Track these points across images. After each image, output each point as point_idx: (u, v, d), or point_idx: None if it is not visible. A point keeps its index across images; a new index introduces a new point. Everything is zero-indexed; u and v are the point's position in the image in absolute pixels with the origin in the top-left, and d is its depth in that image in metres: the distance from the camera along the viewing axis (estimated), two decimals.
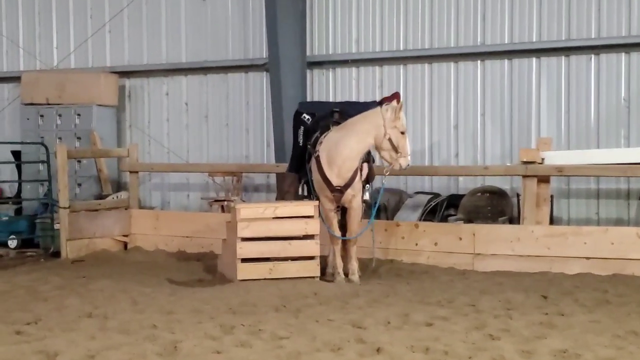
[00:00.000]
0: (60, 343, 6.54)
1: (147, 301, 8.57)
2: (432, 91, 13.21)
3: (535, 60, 12.55)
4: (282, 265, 9.74)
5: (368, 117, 9.67)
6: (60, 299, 8.70)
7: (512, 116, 12.72)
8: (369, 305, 8.23)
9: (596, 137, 12.19)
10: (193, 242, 12.60)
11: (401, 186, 13.22)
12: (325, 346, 6.44)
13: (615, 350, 6.24)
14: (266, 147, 14.33)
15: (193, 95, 15.04)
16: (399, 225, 11.37)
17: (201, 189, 14.76)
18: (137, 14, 15.34)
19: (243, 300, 8.52)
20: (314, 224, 9.80)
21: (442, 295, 8.71)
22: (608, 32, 12.07)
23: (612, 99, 12.11)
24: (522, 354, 6.16)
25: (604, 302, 8.30)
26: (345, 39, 13.76)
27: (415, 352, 6.24)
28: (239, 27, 14.54)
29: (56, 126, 14.88)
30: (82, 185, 14.75)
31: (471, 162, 12.89)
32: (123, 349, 6.38)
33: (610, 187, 12.11)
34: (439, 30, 13.10)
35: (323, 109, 10.47)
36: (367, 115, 9.72)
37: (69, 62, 15.96)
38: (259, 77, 14.42)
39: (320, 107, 10.72)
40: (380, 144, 9.55)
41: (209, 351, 6.33)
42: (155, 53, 15.29)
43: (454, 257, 10.83)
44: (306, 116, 10.37)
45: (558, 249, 10.37)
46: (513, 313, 7.68)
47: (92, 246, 12.58)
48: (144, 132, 15.33)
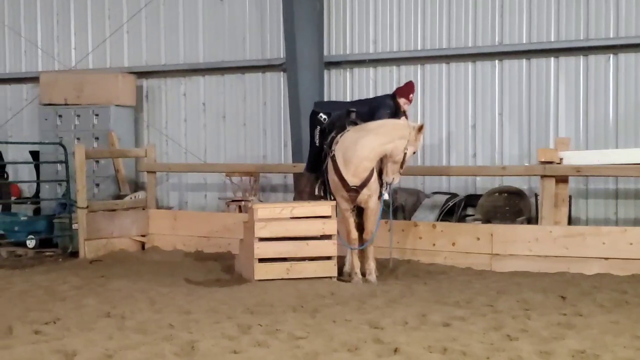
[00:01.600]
0: (78, 342, 6.57)
1: (165, 301, 8.60)
2: (449, 91, 13.19)
3: (554, 60, 12.51)
4: (299, 265, 9.75)
5: (397, 126, 9.71)
6: (79, 299, 8.74)
7: (530, 116, 12.67)
8: (387, 305, 8.22)
9: (615, 137, 12.14)
10: (210, 242, 12.63)
11: (418, 186, 13.21)
12: (343, 346, 6.44)
13: (635, 351, 6.21)
14: (283, 147, 14.34)
15: (210, 95, 15.07)
16: (416, 226, 11.36)
17: (218, 189, 14.79)
18: (155, 15, 15.39)
19: (260, 300, 8.53)
20: (331, 224, 9.80)
21: (459, 295, 8.70)
22: (627, 31, 12.01)
23: (631, 99, 12.05)
24: (540, 355, 6.13)
25: (622, 302, 8.25)
26: (362, 39, 13.75)
27: (432, 353, 6.23)
28: (257, 27, 14.56)
29: (74, 126, 14.94)
30: (100, 185, 14.81)
31: (489, 162, 12.86)
32: (140, 348, 6.40)
33: (629, 187, 12.05)
34: (456, 29, 13.08)
35: (339, 109, 10.47)
36: (396, 124, 9.78)
37: (87, 63, 16.03)
38: (276, 77, 14.43)
39: (336, 107, 10.72)
40: (395, 155, 9.61)
41: (226, 351, 6.34)
42: (173, 53, 15.33)
43: (472, 257, 10.81)
44: (323, 115, 10.36)
45: (576, 249, 10.33)
46: (531, 313, 7.66)
47: (110, 246, 12.63)
48: (162, 133, 15.38)
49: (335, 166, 9.73)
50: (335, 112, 10.35)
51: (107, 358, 6.17)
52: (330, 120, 10.26)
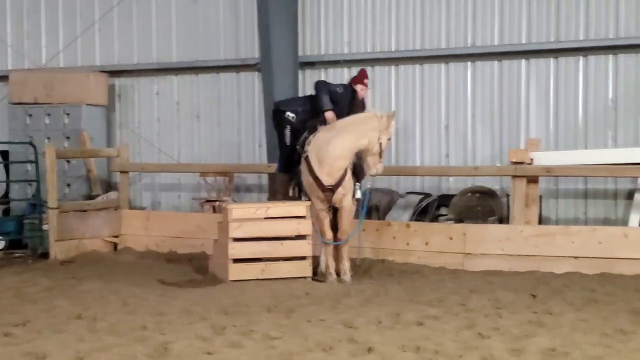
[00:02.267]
0: (49, 345, 6.54)
1: (138, 302, 8.57)
2: (423, 92, 13.26)
3: (525, 61, 12.63)
4: (274, 265, 9.76)
5: (366, 120, 9.78)
6: (49, 301, 8.68)
7: (501, 117, 12.78)
8: (361, 305, 8.27)
9: (584, 138, 12.27)
10: (184, 242, 12.57)
11: (392, 186, 13.26)
12: (317, 346, 6.48)
13: (603, 349, 6.30)
14: (258, 147, 14.33)
15: (184, 94, 15.02)
16: (390, 225, 11.42)
17: (192, 189, 14.74)
18: (127, 13, 15.29)
19: (234, 300, 8.54)
20: (306, 224, 9.83)
21: (432, 294, 8.77)
22: (596, 34, 12.15)
23: (600, 100, 12.19)
24: (511, 353, 6.21)
25: (592, 301, 8.36)
26: (337, 39, 13.79)
27: (406, 352, 6.29)
28: (231, 27, 14.54)
29: (45, 126, 14.79)
30: (71, 185, 14.68)
31: (462, 163, 12.95)
32: (113, 350, 6.38)
33: (598, 188, 12.19)
34: (429, 31, 13.15)
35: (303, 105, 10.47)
36: (364, 118, 9.83)
37: (58, 61, 15.87)
38: (251, 77, 14.42)
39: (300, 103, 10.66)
40: (371, 148, 9.68)
41: (200, 352, 6.35)
42: (146, 52, 15.25)
43: (445, 256, 10.89)
44: (290, 114, 10.35)
45: (547, 248, 10.44)
46: (503, 312, 7.74)
47: (82, 247, 12.53)
48: (134, 132, 15.31)
49: (309, 167, 9.76)
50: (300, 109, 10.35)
51: None
52: (300, 120, 10.28)
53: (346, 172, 9.78)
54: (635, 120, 12.01)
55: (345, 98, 10.29)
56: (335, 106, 10.14)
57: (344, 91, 10.32)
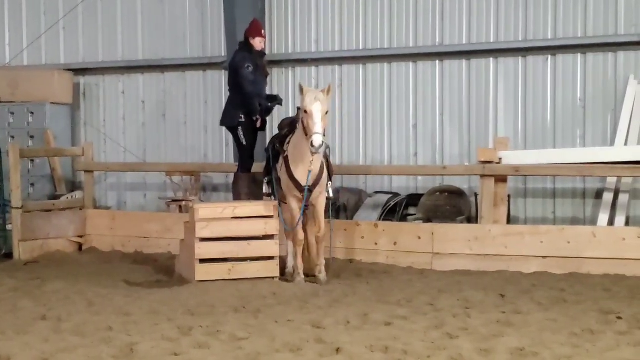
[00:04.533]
0: (13, 346, 6.47)
1: (103, 303, 8.51)
2: (391, 90, 13.28)
3: (493, 60, 12.68)
4: (241, 265, 9.73)
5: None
6: (13, 301, 8.60)
7: (470, 116, 12.83)
8: (329, 305, 8.26)
9: (552, 137, 12.35)
10: (150, 242, 12.53)
11: (360, 186, 13.28)
12: (285, 347, 6.46)
13: (572, 348, 6.33)
14: (225, 146, 14.28)
15: (150, 93, 14.95)
16: (358, 225, 11.41)
17: (158, 189, 14.66)
18: (92, 10, 15.19)
19: (201, 301, 8.50)
20: (273, 224, 9.80)
21: (401, 294, 8.77)
22: (564, 33, 12.23)
23: (568, 99, 12.27)
24: (480, 353, 6.23)
25: (560, 300, 8.41)
26: (304, 38, 13.77)
27: (374, 352, 6.28)
28: (198, 25, 14.48)
29: (8, 124, 14.71)
30: (36, 185, 14.59)
31: (430, 162, 12.98)
32: (78, 351, 6.33)
33: (567, 187, 12.27)
34: (398, 30, 13.17)
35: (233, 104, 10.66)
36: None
37: (22, 59, 15.75)
38: (218, 75, 14.36)
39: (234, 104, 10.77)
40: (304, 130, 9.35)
41: (166, 353, 6.31)
42: (111, 50, 15.16)
43: (413, 256, 10.91)
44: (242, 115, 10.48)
45: (515, 248, 10.49)
46: (471, 312, 7.76)
47: (46, 247, 12.45)
48: (100, 131, 15.20)
49: (287, 167, 9.69)
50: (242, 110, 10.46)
51: None
52: (249, 120, 10.37)
53: (323, 170, 9.69)
54: (603, 119, 12.10)
55: (256, 66, 10.42)
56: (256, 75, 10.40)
57: (252, 61, 10.39)
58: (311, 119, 9.11)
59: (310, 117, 9.12)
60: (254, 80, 10.37)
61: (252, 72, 10.35)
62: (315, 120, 9.08)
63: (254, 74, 10.41)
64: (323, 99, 9.24)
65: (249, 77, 10.34)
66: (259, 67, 10.55)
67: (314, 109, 9.13)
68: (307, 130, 9.17)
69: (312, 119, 9.10)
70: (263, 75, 10.76)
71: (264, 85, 10.82)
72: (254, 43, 10.53)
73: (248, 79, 10.34)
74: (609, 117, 12.06)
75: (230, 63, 10.86)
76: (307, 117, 9.17)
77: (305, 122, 9.22)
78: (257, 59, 10.52)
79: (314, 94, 9.26)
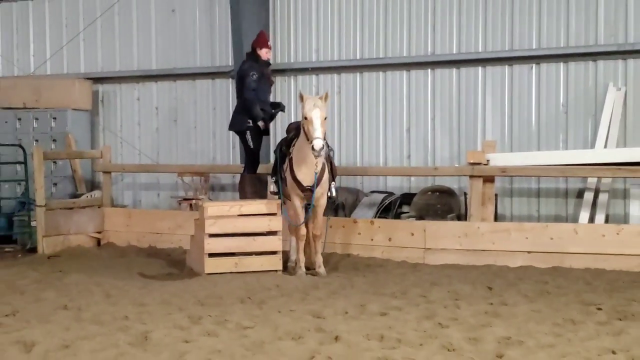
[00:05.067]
0: (37, 334, 6.47)
1: (120, 294, 8.49)
2: (386, 97, 13.25)
3: (481, 69, 12.65)
4: (246, 259, 9.71)
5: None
6: (37, 292, 8.59)
7: (459, 120, 12.80)
8: (328, 296, 8.23)
9: (537, 140, 12.31)
10: (163, 238, 12.52)
11: (358, 185, 13.25)
12: (287, 335, 6.44)
13: (555, 338, 6.31)
14: (232, 149, 14.26)
15: (163, 100, 14.93)
16: (355, 222, 11.39)
17: (171, 189, 14.66)
18: (110, 24, 15.19)
19: (210, 292, 8.47)
20: (276, 221, 9.79)
21: (395, 287, 8.75)
22: (548, 43, 12.20)
23: (552, 105, 12.24)
24: (469, 341, 6.20)
25: (544, 292, 8.38)
26: (305, 48, 13.75)
27: (370, 340, 6.26)
28: (207, 36, 14.47)
29: (33, 129, 14.72)
30: (58, 184, 14.58)
31: (422, 163, 12.95)
32: (96, 339, 6.32)
33: (550, 187, 12.24)
34: (392, 41, 13.14)
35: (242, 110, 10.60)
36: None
37: (45, 69, 15.76)
38: (225, 83, 14.35)
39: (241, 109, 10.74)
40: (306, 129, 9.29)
41: (178, 341, 6.29)
42: (127, 60, 15.15)
43: (407, 251, 10.88)
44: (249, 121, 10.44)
45: (502, 243, 10.46)
46: (461, 303, 7.73)
47: (67, 242, 12.45)
48: (117, 135, 15.18)
49: (291, 168, 9.66)
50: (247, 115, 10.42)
51: (64, 348, 6.08)
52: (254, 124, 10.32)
53: (324, 171, 9.66)
54: (584, 123, 12.06)
55: (261, 74, 10.38)
56: (261, 83, 10.38)
57: (258, 70, 10.34)
58: (311, 124, 9.07)
59: (310, 122, 9.08)
60: (256, 88, 10.32)
61: (256, 80, 10.30)
62: (315, 126, 9.05)
63: (259, 82, 10.36)
64: (321, 105, 9.20)
65: (251, 84, 10.30)
66: (264, 76, 10.51)
67: (313, 115, 9.10)
68: (308, 135, 9.14)
69: (312, 124, 9.07)
70: (268, 83, 10.72)
71: (268, 93, 10.77)
72: (260, 53, 10.50)
73: (250, 86, 10.30)
74: (590, 121, 12.02)
75: (237, 71, 10.83)
76: (307, 123, 9.14)
77: (306, 128, 9.19)
78: (263, 68, 10.48)
79: (313, 101, 9.22)
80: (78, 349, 6.05)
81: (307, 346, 6.10)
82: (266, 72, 10.57)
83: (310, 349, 5.98)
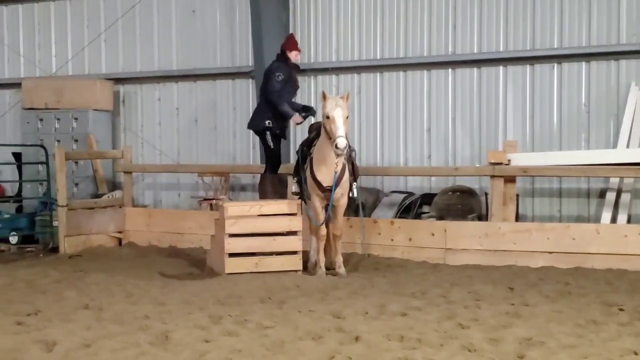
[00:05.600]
0: (58, 333, 6.51)
1: (140, 293, 8.53)
2: (406, 97, 13.22)
3: (502, 68, 12.59)
4: (267, 259, 9.72)
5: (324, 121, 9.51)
6: (59, 292, 8.65)
7: (480, 120, 12.75)
8: (348, 296, 8.22)
9: (558, 140, 12.24)
10: (183, 238, 12.56)
11: (378, 186, 13.23)
12: (307, 335, 6.43)
13: (576, 338, 6.27)
14: (252, 149, 14.29)
15: (183, 100, 14.98)
16: (375, 222, 11.36)
17: (191, 189, 14.70)
18: (131, 24, 15.27)
19: (230, 292, 8.49)
20: (296, 221, 9.79)
21: (415, 287, 8.72)
22: (570, 42, 12.12)
23: (573, 105, 12.16)
24: (489, 342, 6.17)
25: (566, 293, 8.33)
26: (325, 48, 13.75)
27: (391, 341, 6.24)
28: (227, 37, 14.50)
29: (55, 129, 14.84)
30: (79, 185, 14.69)
31: (443, 163, 12.91)
32: (117, 338, 6.35)
33: (572, 187, 12.16)
34: (412, 40, 13.11)
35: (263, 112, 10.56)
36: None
37: (67, 70, 15.86)
38: (245, 83, 14.38)
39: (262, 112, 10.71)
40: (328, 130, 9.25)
41: (198, 340, 6.31)
42: (148, 61, 15.22)
43: (427, 251, 10.85)
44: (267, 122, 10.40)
45: (523, 244, 10.40)
46: (481, 304, 7.70)
47: (89, 242, 12.52)
48: (138, 135, 15.26)
49: (311, 168, 9.68)
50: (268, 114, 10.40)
51: (85, 347, 6.11)
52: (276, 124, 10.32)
53: (344, 172, 9.65)
54: (606, 123, 11.98)
55: (289, 76, 10.36)
56: (287, 86, 10.34)
57: (285, 71, 10.33)
58: (334, 123, 9.08)
59: (333, 121, 9.10)
60: (280, 90, 10.31)
61: (280, 82, 10.28)
62: (338, 124, 9.06)
63: (284, 85, 10.33)
64: (343, 104, 9.21)
65: (275, 85, 10.29)
66: (291, 79, 10.47)
67: (335, 114, 9.11)
68: (331, 134, 9.14)
69: (334, 123, 9.08)
70: (294, 87, 10.68)
71: (292, 95, 10.70)
72: (290, 55, 10.49)
73: (274, 87, 10.29)
74: (612, 121, 11.94)
75: (265, 70, 10.82)
76: (329, 122, 9.15)
77: (327, 127, 9.19)
78: (292, 71, 10.46)
79: (335, 101, 9.24)
80: (99, 348, 6.08)
81: (327, 346, 6.09)
82: (294, 75, 10.54)
83: (330, 349, 5.98)
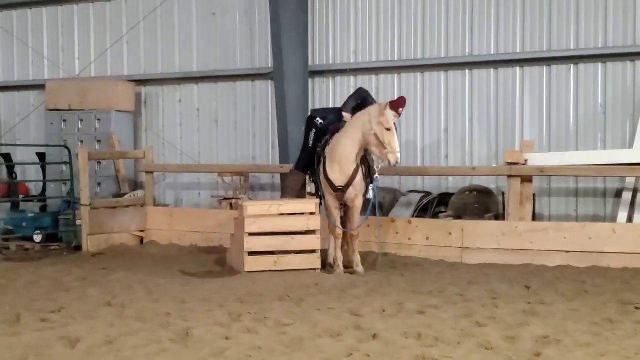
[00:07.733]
0: (81, 330, 6.55)
1: (162, 291, 8.57)
2: (424, 98, 13.21)
3: (519, 69, 12.55)
4: (285, 258, 9.72)
5: (358, 116, 9.60)
6: (82, 289, 8.70)
7: (497, 121, 12.71)
8: (366, 295, 8.22)
9: (575, 140, 12.19)
10: (204, 237, 12.59)
11: (395, 185, 13.22)
12: (326, 333, 6.44)
13: (592, 337, 6.24)
14: (271, 149, 14.32)
15: (204, 101, 15.04)
16: (393, 222, 11.35)
17: (211, 188, 14.76)
18: (153, 27, 15.34)
19: (250, 290, 8.51)
20: (315, 220, 9.79)
21: (433, 285, 8.71)
22: (586, 43, 12.07)
23: (590, 105, 12.10)
24: (506, 340, 6.15)
25: (582, 292, 8.29)
26: (344, 50, 13.76)
27: (408, 338, 6.24)
28: (246, 39, 14.54)
29: (78, 130, 14.91)
30: (102, 184, 14.76)
31: (460, 163, 12.89)
32: (139, 335, 6.38)
33: (588, 187, 12.10)
34: (430, 41, 13.10)
35: (333, 114, 10.33)
36: (358, 114, 9.66)
37: (90, 71, 15.96)
38: (265, 85, 14.41)
39: (331, 112, 10.58)
40: (367, 140, 9.36)
41: (218, 337, 6.33)
42: (169, 63, 15.28)
43: (444, 250, 10.83)
44: (319, 120, 10.26)
45: (540, 243, 10.36)
46: (498, 302, 7.68)
47: (111, 241, 12.58)
48: (159, 136, 15.33)
49: (324, 167, 9.69)
50: (330, 117, 10.23)
51: (108, 344, 6.14)
52: (325, 123, 10.16)
53: (356, 172, 9.65)
54: (622, 123, 11.92)
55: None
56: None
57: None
58: (393, 136, 9.13)
59: (392, 135, 9.14)
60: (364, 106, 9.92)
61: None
62: (396, 138, 9.14)
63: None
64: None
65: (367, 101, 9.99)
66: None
67: (394, 128, 9.18)
68: (387, 145, 9.16)
69: (394, 136, 9.13)
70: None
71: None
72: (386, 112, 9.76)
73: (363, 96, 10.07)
74: (628, 121, 11.88)
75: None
76: (388, 134, 9.15)
77: (382, 137, 9.17)
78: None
79: (392, 113, 9.26)
80: (121, 344, 6.11)
81: (345, 343, 6.10)
82: None
83: (348, 347, 5.98)
